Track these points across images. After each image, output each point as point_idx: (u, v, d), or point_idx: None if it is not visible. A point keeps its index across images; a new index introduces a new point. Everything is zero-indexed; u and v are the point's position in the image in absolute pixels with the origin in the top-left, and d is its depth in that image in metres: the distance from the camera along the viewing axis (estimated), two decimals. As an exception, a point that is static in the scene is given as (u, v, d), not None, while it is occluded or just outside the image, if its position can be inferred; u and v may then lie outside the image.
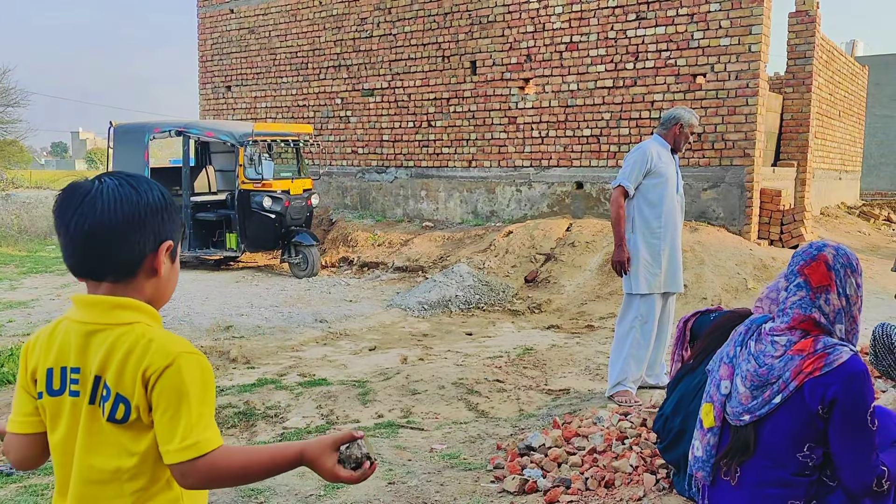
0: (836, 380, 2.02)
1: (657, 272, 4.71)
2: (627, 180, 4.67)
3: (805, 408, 2.06)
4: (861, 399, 2.02)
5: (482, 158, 11.72)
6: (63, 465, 1.34)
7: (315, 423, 4.74)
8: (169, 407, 1.27)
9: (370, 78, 12.77)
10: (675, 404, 2.83)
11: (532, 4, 10.99)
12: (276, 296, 9.03)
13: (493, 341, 6.95)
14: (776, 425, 2.11)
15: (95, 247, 1.29)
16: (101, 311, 1.31)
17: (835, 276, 2.13)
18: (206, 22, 15.07)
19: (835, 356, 2.05)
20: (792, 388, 2.06)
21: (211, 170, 12.14)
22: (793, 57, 11.98)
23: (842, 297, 2.13)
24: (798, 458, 2.09)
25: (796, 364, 2.08)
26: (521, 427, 4.29)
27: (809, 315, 2.12)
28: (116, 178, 1.36)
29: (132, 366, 1.27)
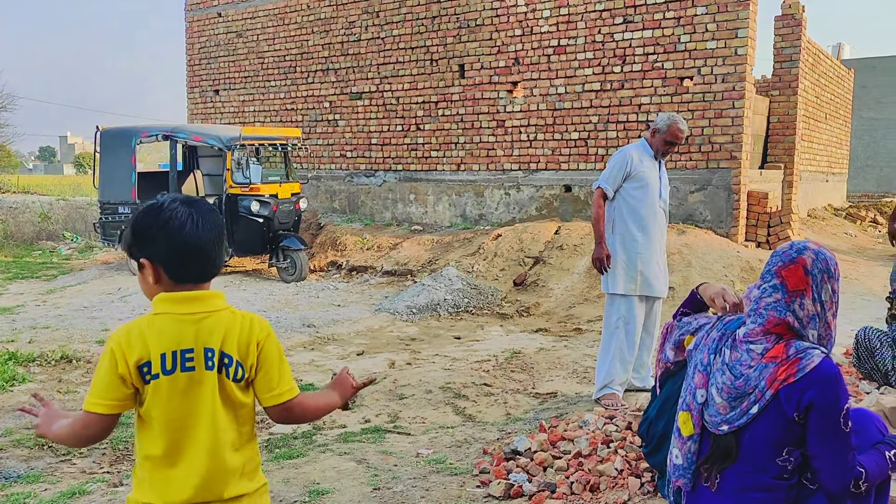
0: (809, 385, 2.03)
1: (634, 275, 4.73)
2: (606, 183, 4.77)
3: (782, 414, 2.06)
4: (835, 402, 2.02)
5: (471, 162, 11.73)
6: (178, 430, 1.69)
7: (301, 428, 4.72)
8: (273, 364, 1.76)
9: (358, 81, 12.77)
10: (659, 408, 2.83)
11: (520, 8, 11.01)
12: (263, 300, 8.99)
13: (481, 345, 6.95)
14: (755, 433, 2.11)
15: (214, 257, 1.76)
16: (206, 303, 1.74)
17: (812, 281, 2.11)
18: (193, 26, 15.02)
19: (807, 361, 2.05)
20: (768, 397, 2.06)
21: (199, 174, 12.09)
22: (779, 60, 12.06)
23: (817, 304, 2.11)
24: (777, 462, 2.09)
25: (770, 372, 2.08)
26: (508, 431, 4.29)
27: (784, 318, 2.11)
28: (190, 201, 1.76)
29: (245, 338, 1.73)
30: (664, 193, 4.90)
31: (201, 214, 1.72)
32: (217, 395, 1.70)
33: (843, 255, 10.90)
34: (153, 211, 1.71)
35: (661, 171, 4.92)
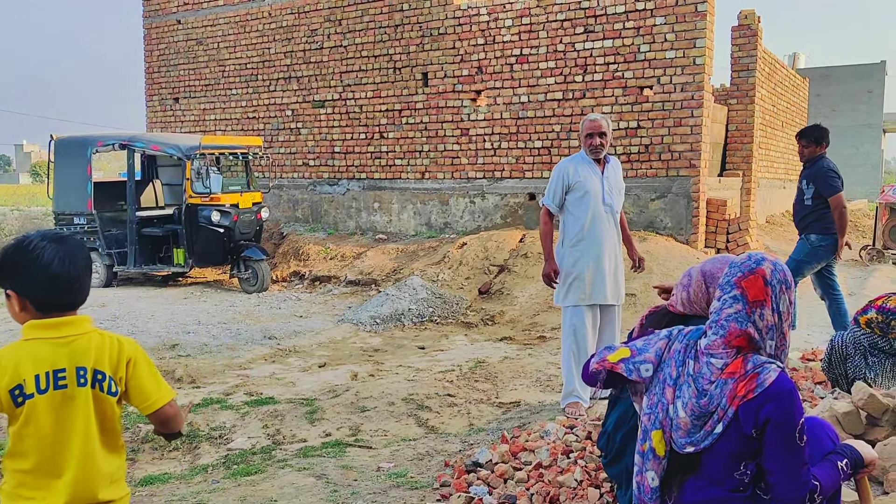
0: (766, 400, 2.03)
1: (581, 285, 4.71)
2: (549, 200, 4.82)
3: (740, 430, 2.07)
4: (791, 417, 2.03)
5: (435, 170, 11.71)
6: (54, 444, 1.84)
7: (261, 443, 4.64)
8: (145, 378, 1.95)
9: (321, 90, 12.68)
10: (617, 420, 2.82)
11: (482, 17, 11.05)
12: (224, 312, 8.85)
13: (445, 355, 6.92)
14: (715, 449, 2.11)
15: (80, 288, 1.94)
16: (75, 327, 1.90)
17: (771, 291, 2.12)
18: (152, 33, 14.79)
19: (764, 376, 2.06)
20: (731, 415, 2.07)
21: (158, 184, 11.89)
22: (736, 69, 12.28)
23: (775, 314, 2.12)
24: (735, 476, 2.09)
25: (730, 388, 2.08)
26: (471, 442, 4.26)
27: (745, 329, 2.11)
28: (58, 237, 1.93)
29: (116, 356, 1.91)
30: (609, 198, 4.78)
31: (68, 251, 1.90)
32: (91, 408, 1.88)
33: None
34: (21, 247, 1.87)
35: (609, 175, 4.81)
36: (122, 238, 10.64)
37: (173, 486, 3.97)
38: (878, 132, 32.27)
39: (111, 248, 10.62)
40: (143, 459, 4.50)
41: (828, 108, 31.88)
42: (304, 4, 12.72)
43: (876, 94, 31.97)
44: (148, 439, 4.70)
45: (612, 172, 4.86)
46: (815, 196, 5.92)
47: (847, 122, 32.15)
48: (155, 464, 4.45)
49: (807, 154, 6.04)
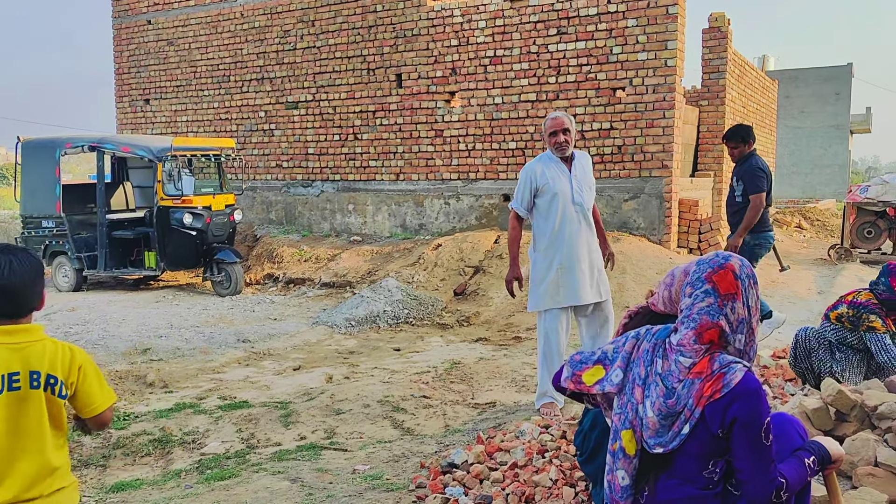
0: (733, 400, 2.06)
1: (554, 288, 4.65)
2: (518, 204, 4.75)
3: (708, 431, 2.09)
4: (757, 416, 2.05)
5: (410, 171, 11.70)
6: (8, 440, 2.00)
7: (235, 447, 4.60)
8: (93, 384, 2.14)
9: (294, 91, 12.61)
10: (593, 419, 2.84)
11: (456, 18, 11.07)
12: (197, 315, 8.76)
13: (420, 356, 6.91)
14: (684, 450, 2.13)
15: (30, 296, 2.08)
16: (29, 334, 2.06)
17: (741, 285, 2.15)
18: (121, 33, 14.60)
19: (731, 376, 2.08)
20: (697, 415, 2.09)
21: (128, 186, 11.73)
22: (707, 71, 12.42)
23: (745, 308, 2.15)
24: (704, 475, 2.12)
25: (697, 388, 2.10)
26: (446, 444, 4.26)
27: (717, 322, 2.14)
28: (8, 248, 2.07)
29: (68, 363, 2.09)
30: (579, 197, 4.68)
31: (18, 261, 2.04)
32: (44, 409, 2.05)
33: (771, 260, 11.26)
34: None
35: (577, 172, 4.72)
36: (91, 241, 10.48)
37: (145, 491, 3.92)
38: (845, 133, 32.87)
39: (81, 251, 10.46)
40: (114, 466, 4.44)
41: (797, 110, 32.43)
42: (277, 5, 12.64)
43: (843, 96, 32.57)
44: (119, 445, 4.64)
45: (581, 169, 4.76)
46: (744, 193, 6.02)
47: (816, 124, 32.72)
48: (127, 469, 4.39)
49: (737, 154, 6.11)
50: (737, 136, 6.10)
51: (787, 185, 30.95)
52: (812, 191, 31.24)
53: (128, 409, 5.38)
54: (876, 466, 2.78)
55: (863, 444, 2.87)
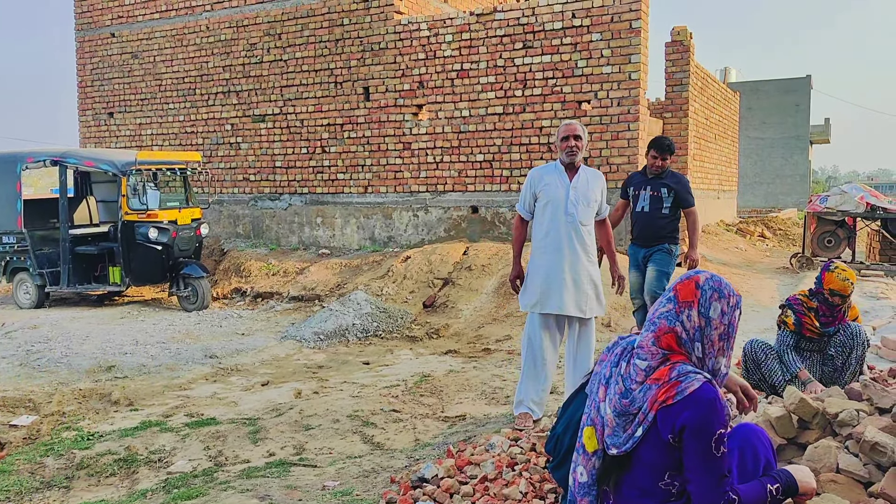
0: (684, 408, 2.10)
1: (534, 291, 4.68)
2: (521, 206, 4.86)
3: (658, 436, 2.13)
4: (707, 425, 2.08)
5: (378, 184, 11.70)
6: None
7: (202, 465, 4.53)
8: None
9: (261, 104, 12.55)
10: (566, 423, 2.87)
11: (423, 32, 11.13)
12: (163, 331, 8.63)
13: (390, 370, 6.89)
14: (639, 457, 2.18)
15: None
16: None
17: (700, 294, 2.23)
18: (85, 46, 14.41)
19: (686, 384, 2.12)
20: (650, 419, 2.14)
21: (92, 200, 11.54)
22: (670, 84, 12.64)
23: (702, 317, 2.21)
24: (661, 486, 2.15)
25: (653, 393, 2.16)
26: (416, 458, 4.25)
27: (672, 327, 2.22)
28: None
29: None
30: (573, 208, 4.63)
31: None
32: None
33: (735, 269, 11.47)
34: None
35: (578, 185, 4.67)
36: (54, 257, 10.29)
37: (110, 513, 3.84)
38: (805, 143, 33.64)
39: (43, 267, 10.26)
40: (78, 487, 4.35)
41: (758, 121, 33.12)
42: (243, 18, 12.59)
43: (803, 107, 33.35)
44: (83, 465, 4.55)
45: (584, 183, 4.70)
46: (672, 205, 6.02)
47: (777, 134, 33.45)
48: (91, 490, 4.31)
49: (665, 165, 6.07)
50: (669, 147, 6.08)
51: (749, 195, 31.55)
52: (774, 200, 31.88)
53: (91, 428, 5.28)
54: (838, 473, 2.83)
55: (825, 452, 2.93)
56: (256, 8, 12.48)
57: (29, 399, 5.98)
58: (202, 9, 13.02)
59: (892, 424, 2.95)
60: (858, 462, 2.83)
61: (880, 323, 7.69)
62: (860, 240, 13.57)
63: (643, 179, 6.18)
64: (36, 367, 7.04)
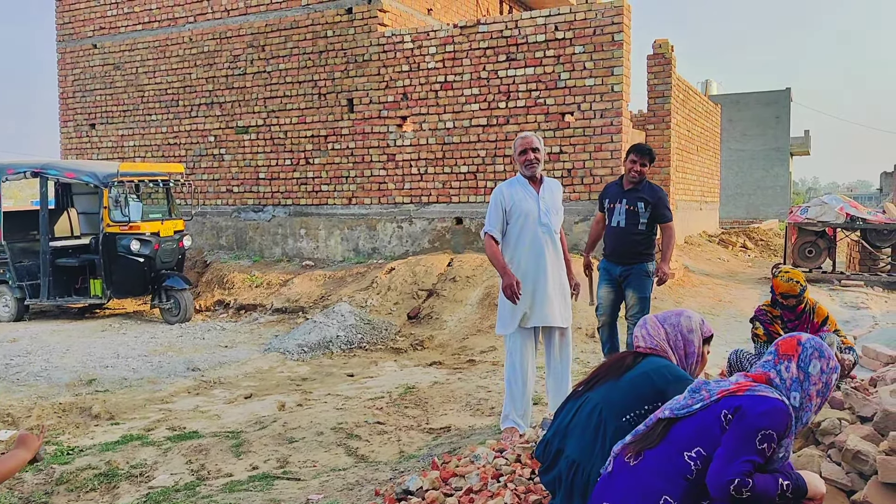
0: (751, 399, 2.26)
1: (519, 310, 4.60)
2: (491, 227, 4.69)
3: (713, 412, 2.27)
4: (760, 415, 2.20)
5: (362, 195, 11.69)
6: None
7: (184, 479, 4.48)
8: None
9: (244, 115, 12.52)
10: (555, 429, 2.88)
11: (406, 44, 11.16)
12: (145, 344, 8.55)
13: (374, 381, 6.86)
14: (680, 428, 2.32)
15: None
16: None
17: (801, 351, 2.38)
18: (66, 57, 14.32)
19: (761, 390, 2.29)
20: (712, 400, 2.32)
21: (73, 212, 11.44)
22: (653, 96, 12.76)
23: (801, 371, 2.35)
24: (685, 456, 2.23)
25: (726, 386, 2.34)
26: (401, 470, 4.22)
27: (766, 372, 2.39)
28: None
29: None
30: (546, 218, 4.65)
31: None
32: None
33: (717, 280, 11.55)
34: None
35: (545, 195, 4.69)
36: (34, 269, 10.18)
37: (90, 529, 3.79)
38: (785, 155, 34.03)
39: (23, 279, 10.14)
40: (57, 502, 4.29)
41: (739, 133, 33.47)
42: (227, 30, 12.58)
43: (783, 120, 33.75)
44: (63, 481, 4.48)
45: (549, 193, 4.73)
46: (649, 220, 5.57)
47: (758, 146, 33.81)
48: (70, 507, 4.24)
49: (644, 172, 5.60)
50: (650, 154, 5.66)
51: (731, 206, 31.82)
52: (755, 211, 32.18)
53: (72, 442, 5.21)
54: (820, 481, 2.85)
55: (808, 460, 2.95)
56: (240, 20, 12.48)
57: (7, 413, 5.89)
58: (185, 20, 12.99)
59: (874, 433, 2.98)
60: (841, 470, 2.85)
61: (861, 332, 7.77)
62: (840, 250, 13.71)
63: (619, 191, 5.72)
64: (15, 381, 6.94)
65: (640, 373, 2.75)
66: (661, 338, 2.86)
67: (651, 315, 2.98)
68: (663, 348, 2.85)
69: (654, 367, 2.76)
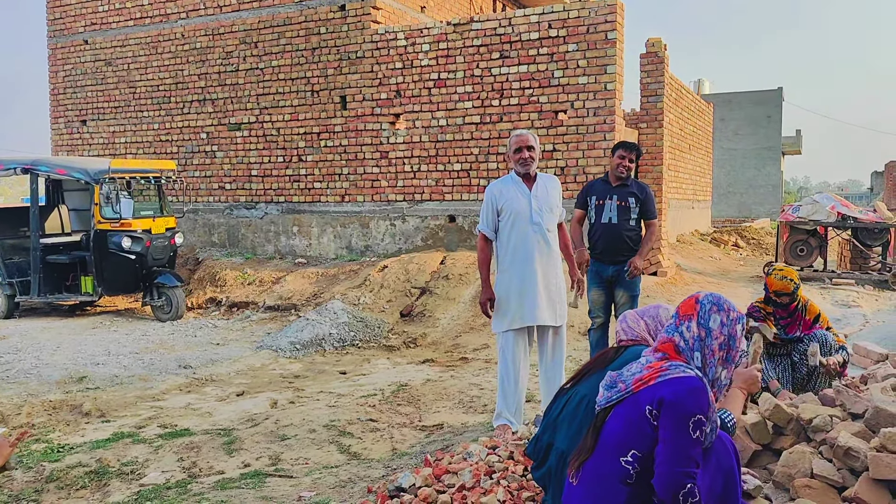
0: (668, 385, 2.22)
1: (510, 309, 4.62)
2: (484, 226, 4.71)
3: (637, 409, 2.23)
4: (685, 402, 2.17)
5: (355, 193, 11.67)
6: None
7: (176, 477, 4.46)
8: None
9: (237, 112, 12.47)
10: (545, 424, 2.90)
11: (400, 41, 11.14)
12: (136, 342, 8.52)
13: (367, 379, 6.85)
14: (610, 428, 2.29)
15: None
16: None
17: (699, 308, 2.38)
18: (57, 53, 14.24)
19: (675, 371, 2.25)
20: (629, 391, 2.29)
21: (64, 209, 11.37)
22: (645, 95, 12.75)
23: (701, 328, 2.35)
24: (621, 462, 2.21)
25: (640, 374, 2.31)
26: (394, 467, 4.22)
27: (671, 338, 2.38)
28: None
29: None
30: (538, 217, 4.63)
31: None
32: None
33: (709, 278, 11.58)
34: None
35: (538, 193, 4.68)
36: (25, 266, 10.12)
37: (80, 527, 3.77)
38: (777, 154, 34.13)
39: (13, 276, 10.08)
40: (47, 500, 4.26)
41: (731, 132, 33.56)
42: (219, 26, 12.52)
43: (774, 119, 33.86)
44: (53, 478, 4.46)
45: (544, 190, 4.71)
46: (639, 216, 5.57)
47: (749, 145, 33.91)
48: (61, 504, 4.22)
49: (631, 168, 5.54)
50: (636, 149, 5.62)
51: (723, 205, 31.91)
52: (747, 210, 32.28)
53: (62, 440, 5.18)
54: (812, 478, 2.86)
55: (799, 457, 2.96)
56: (232, 16, 12.43)
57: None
58: (177, 16, 12.93)
59: (865, 430, 2.99)
60: (832, 467, 2.86)
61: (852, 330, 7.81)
62: (832, 249, 13.77)
63: (607, 188, 5.60)
64: (5, 379, 6.90)
65: (624, 361, 2.79)
66: (641, 328, 2.94)
67: (629, 311, 3.06)
68: (644, 338, 2.91)
69: (636, 354, 2.80)
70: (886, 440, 2.74)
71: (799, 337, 4.45)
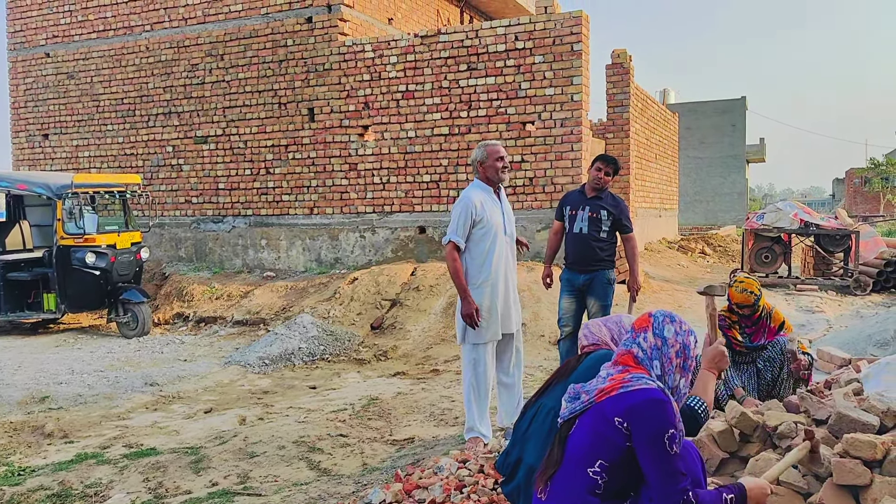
0: (633, 398, 2.23)
1: (492, 320, 4.61)
2: (457, 235, 4.60)
3: (603, 419, 2.24)
4: (654, 418, 2.18)
5: (324, 205, 11.61)
6: None
7: (141, 498, 4.37)
8: None
9: (203, 125, 12.36)
10: (514, 438, 2.91)
11: (367, 54, 11.14)
12: (101, 359, 8.35)
13: (337, 393, 6.79)
14: (575, 439, 2.30)
15: None
16: None
17: (654, 321, 2.44)
18: (18, 66, 13.99)
19: (637, 384, 2.27)
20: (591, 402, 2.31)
21: (26, 225, 11.14)
22: (612, 105, 12.93)
23: (657, 338, 2.39)
24: (588, 473, 2.21)
25: (604, 385, 2.32)
26: (364, 483, 4.18)
27: (629, 349, 2.41)
28: None
29: None
30: (510, 227, 4.76)
31: None
32: None
33: (677, 285, 11.71)
34: None
35: (503, 204, 4.77)
36: (-16, 284, 9.89)
37: (42, 552, 3.67)
38: (741, 162, 34.74)
39: (-28, 295, 9.84)
40: (7, 526, 4.15)
41: (697, 141, 34.09)
42: (184, 39, 12.41)
43: (739, 128, 34.49)
44: (13, 503, 4.34)
45: (505, 201, 4.84)
46: (611, 229, 5.63)
47: (715, 154, 34.47)
48: (21, 529, 4.11)
49: (608, 182, 5.63)
50: (615, 163, 5.68)
51: (690, 213, 32.36)
52: (714, 218, 32.76)
53: (23, 462, 5.05)
54: (778, 485, 2.89)
55: (765, 464, 2.99)
56: (198, 28, 12.33)
57: (-45, 434, 5.69)
58: (141, 28, 12.79)
59: (829, 436, 3.03)
60: (798, 473, 2.90)
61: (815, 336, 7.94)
62: (795, 255, 14.02)
63: (581, 199, 5.71)
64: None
65: (586, 367, 2.82)
66: (604, 334, 3.00)
67: (592, 320, 3.11)
68: (606, 342, 2.94)
69: (597, 358, 2.84)
70: (849, 446, 2.78)
71: (764, 345, 4.51)
